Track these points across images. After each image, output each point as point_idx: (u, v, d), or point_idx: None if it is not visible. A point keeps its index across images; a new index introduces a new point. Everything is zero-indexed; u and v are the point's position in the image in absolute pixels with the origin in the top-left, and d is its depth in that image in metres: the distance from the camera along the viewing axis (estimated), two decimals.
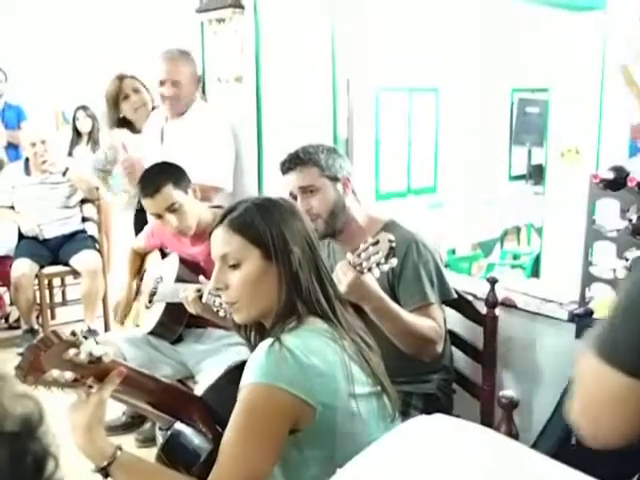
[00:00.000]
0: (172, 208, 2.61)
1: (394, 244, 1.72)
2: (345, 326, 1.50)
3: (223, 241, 1.51)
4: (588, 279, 2.25)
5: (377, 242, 1.74)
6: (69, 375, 1.34)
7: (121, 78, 3.79)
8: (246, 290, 1.49)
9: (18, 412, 0.55)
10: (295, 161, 2.18)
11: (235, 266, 1.49)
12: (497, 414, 2.21)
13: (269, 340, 1.39)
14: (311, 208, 2.15)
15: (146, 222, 3.27)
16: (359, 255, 1.77)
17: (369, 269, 1.75)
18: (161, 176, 2.62)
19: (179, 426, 1.60)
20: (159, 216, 2.64)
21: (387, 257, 1.72)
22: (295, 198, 2.18)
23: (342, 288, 1.74)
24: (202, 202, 2.81)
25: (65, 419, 1.36)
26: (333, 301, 1.51)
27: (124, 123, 3.84)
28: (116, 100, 3.78)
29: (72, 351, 1.33)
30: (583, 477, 0.96)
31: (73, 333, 1.33)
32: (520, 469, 0.96)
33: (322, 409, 1.36)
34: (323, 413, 1.36)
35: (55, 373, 1.32)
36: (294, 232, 1.50)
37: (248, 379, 1.37)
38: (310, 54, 3.16)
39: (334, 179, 2.19)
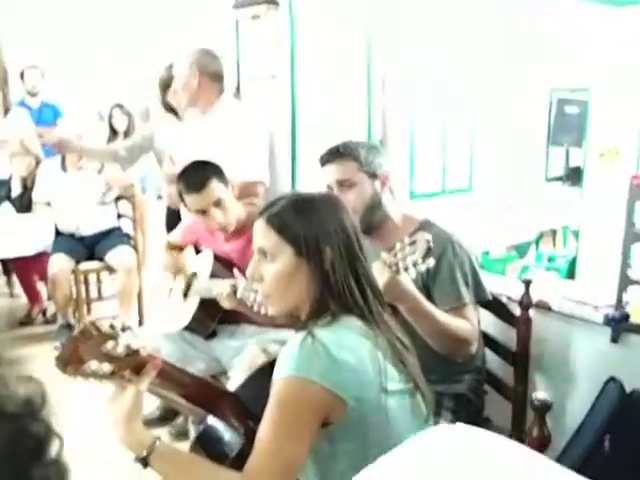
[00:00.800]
0: (218, 202, 2.64)
1: (432, 244, 1.70)
2: (382, 326, 1.50)
3: (261, 234, 1.54)
4: (625, 282, 2.22)
5: (414, 242, 1.72)
6: (107, 367, 1.37)
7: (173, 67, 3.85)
8: (278, 285, 1.51)
9: (21, 394, 0.56)
10: (335, 154, 2.18)
11: (270, 260, 1.51)
12: (529, 416, 2.19)
13: (302, 334, 1.39)
14: (347, 202, 2.13)
15: (178, 220, 3.30)
16: (395, 255, 1.75)
17: (405, 269, 1.74)
18: (206, 171, 2.65)
19: (211, 420, 1.61)
20: (203, 212, 2.66)
21: (424, 257, 1.70)
22: (332, 191, 2.18)
23: None
24: (247, 198, 2.84)
25: (105, 411, 1.39)
26: (370, 301, 1.51)
27: (169, 109, 3.95)
28: (165, 86, 3.87)
29: (110, 343, 1.37)
30: None
31: (111, 326, 1.37)
32: None
33: (354, 403, 1.37)
34: (355, 407, 1.37)
35: (93, 365, 1.36)
36: (329, 231, 1.50)
37: (281, 373, 1.38)
38: (345, 51, 3.15)
39: (372, 175, 2.18)
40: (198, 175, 2.64)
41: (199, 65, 3.27)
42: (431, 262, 1.72)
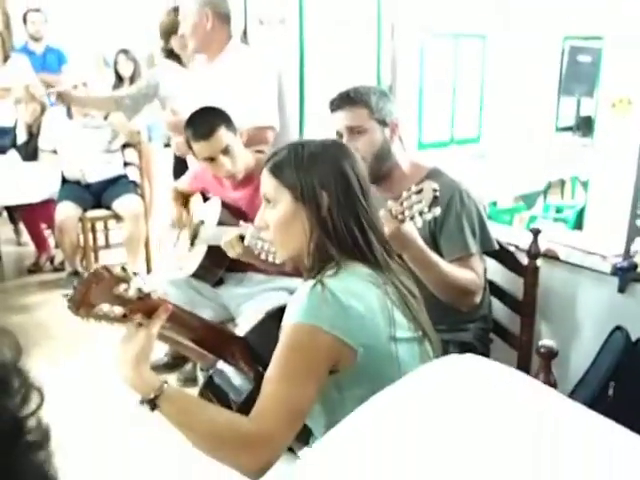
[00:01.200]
0: (226, 150, 2.62)
1: (438, 193, 1.68)
2: (389, 273, 1.50)
3: (263, 181, 1.56)
4: (634, 232, 2.20)
5: (420, 190, 1.70)
6: (118, 310, 1.38)
7: (177, 10, 3.74)
8: (278, 230, 1.53)
9: None
10: (345, 100, 2.14)
11: (272, 206, 1.54)
12: (534, 365, 2.20)
13: (311, 282, 1.40)
14: (357, 150, 2.12)
15: (185, 168, 3.28)
16: (401, 203, 1.74)
17: (411, 218, 1.73)
18: (214, 119, 2.63)
19: (221, 366, 1.63)
20: (211, 160, 2.64)
21: (430, 206, 1.69)
22: (341, 137, 2.15)
23: None
24: (257, 145, 2.81)
25: (114, 353, 1.40)
26: (374, 247, 1.50)
27: (172, 55, 3.89)
28: (168, 32, 3.80)
29: (122, 286, 1.37)
30: (619, 429, 0.95)
31: (123, 269, 1.36)
32: (552, 414, 0.95)
33: (362, 351, 1.38)
34: (363, 355, 1.38)
35: (105, 307, 1.36)
36: (327, 177, 1.49)
37: (290, 319, 1.39)
38: None
39: (382, 123, 2.15)
40: (206, 123, 2.61)
41: (212, 5, 3.16)
42: (437, 211, 1.70)
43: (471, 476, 0.87)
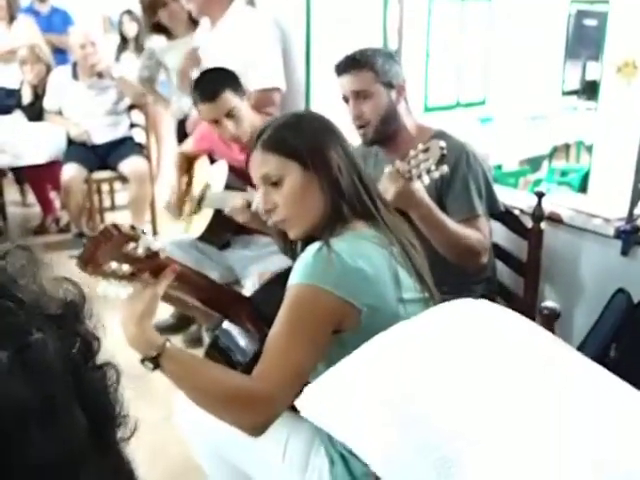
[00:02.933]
0: (230, 113, 2.60)
1: (445, 151, 1.70)
2: (391, 226, 1.51)
3: (260, 163, 1.52)
4: (637, 196, 2.22)
5: (427, 149, 1.72)
6: (126, 268, 1.38)
7: None
8: (293, 204, 1.51)
9: (60, 296, 0.55)
10: (351, 63, 2.13)
11: (277, 184, 1.51)
12: None
13: (317, 244, 1.41)
14: (363, 114, 2.13)
15: (185, 133, 3.28)
16: (409, 162, 1.75)
17: (418, 176, 1.74)
18: (220, 81, 2.61)
19: (226, 326, 1.64)
20: (216, 122, 2.64)
21: (438, 164, 1.70)
22: (347, 101, 2.16)
23: (389, 195, 1.73)
24: (264, 108, 2.80)
25: (119, 311, 1.41)
26: (377, 202, 1.53)
27: (160, 29, 3.78)
28: (153, 6, 3.66)
29: (131, 245, 1.37)
30: (623, 385, 0.99)
31: (132, 227, 1.36)
32: (560, 363, 0.99)
33: (368, 311, 1.39)
34: (368, 315, 1.39)
35: (114, 265, 1.36)
36: (328, 139, 1.52)
37: (295, 279, 1.40)
38: None
39: (389, 85, 2.14)
40: (211, 85, 2.60)
41: None
42: (445, 169, 1.71)
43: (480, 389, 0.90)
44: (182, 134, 3.40)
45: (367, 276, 1.39)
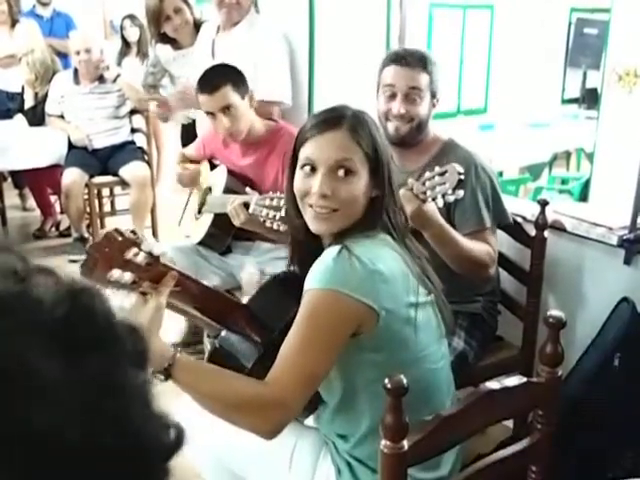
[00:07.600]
0: (227, 109, 2.61)
1: (463, 177, 1.69)
2: (407, 240, 1.52)
3: (344, 147, 1.46)
4: None
5: (445, 172, 1.71)
6: (128, 276, 1.38)
7: None
8: (353, 202, 1.47)
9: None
10: (417, 60, 2.11)
11: (346, 175, 1.46)
12: (539, 335, 2.23)
13: (336, 247, 1.40)
14: (407, 111, 2.11)
15: (194, 136, 3.28)
16: (424, 183, 1.74)
17: (433, 199, 1.73)
18: (222, 76, 2.63)
19: (227, 333, 1.63)
20: (212, 115, 2.65)
21: (454, 189, 1.70)
22: (393, 96, 2.13)
23: None
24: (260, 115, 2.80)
25: None
26: (397, 216, 1.53)
27: (166, 38, 3.74)
28: (157, 19, 3.62)
29: (132, 251, 1.37)
30: None
31: (134, 232, 1.36)
32: None
33: (385, 314, 1.39)
34: (385, 319, 1.39)
35: (116, 274, 1.36)
36: (386, 146, 1.53)
37: (313, 283, 1.38)
38: None
39: (433, 94, 2.16)
40: (214, 78, 2.63)
41: None
42: (461, 194, 1.71)
43: None
44: (189, 138, 3.38)
45: (385, 279, 1.39)
